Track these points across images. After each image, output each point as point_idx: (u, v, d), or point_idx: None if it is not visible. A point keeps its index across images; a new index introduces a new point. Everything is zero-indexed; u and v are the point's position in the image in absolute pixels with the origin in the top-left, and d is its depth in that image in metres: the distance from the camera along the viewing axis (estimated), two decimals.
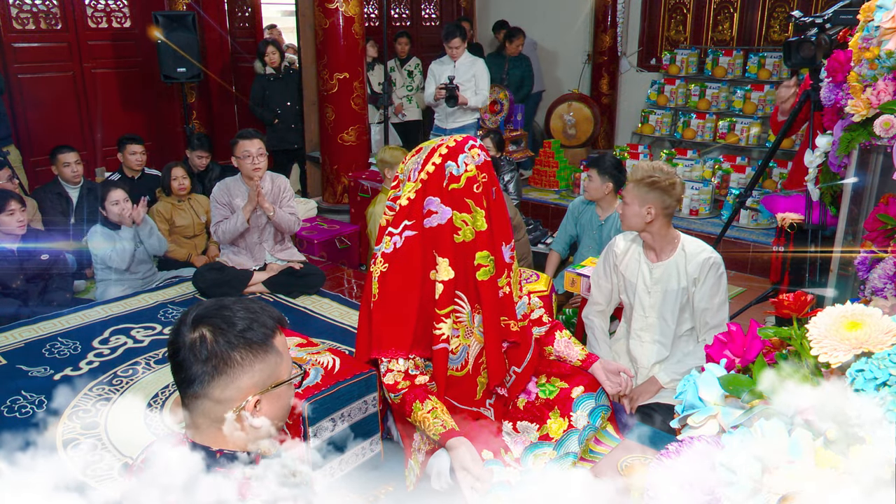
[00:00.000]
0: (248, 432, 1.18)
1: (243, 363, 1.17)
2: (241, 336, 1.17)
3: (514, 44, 6.75)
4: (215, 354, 1.15)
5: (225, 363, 1.15)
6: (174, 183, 4.41)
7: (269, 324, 1.21)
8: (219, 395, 1.16)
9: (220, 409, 1.16)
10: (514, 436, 2.21)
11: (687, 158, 5.89)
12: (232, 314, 1.19)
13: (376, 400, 2.24)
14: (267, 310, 1.24)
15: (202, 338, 1.16)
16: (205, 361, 1.15)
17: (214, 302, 1.23)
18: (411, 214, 2.07)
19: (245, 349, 1.17)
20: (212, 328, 1.16)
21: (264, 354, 1.19)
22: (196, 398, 1.17)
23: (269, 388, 1.20)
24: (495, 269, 2.09)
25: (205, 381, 1.15)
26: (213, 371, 1.15)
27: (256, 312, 1.21)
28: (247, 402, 1.17)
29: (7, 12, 5.30)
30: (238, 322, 1.18)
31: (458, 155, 2.04)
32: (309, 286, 3.84)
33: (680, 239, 2.58)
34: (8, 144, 4.81)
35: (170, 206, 4.44)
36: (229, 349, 1.16)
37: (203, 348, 1.15)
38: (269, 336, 1.20)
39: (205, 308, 1.20)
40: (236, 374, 1.16)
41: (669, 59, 6.93)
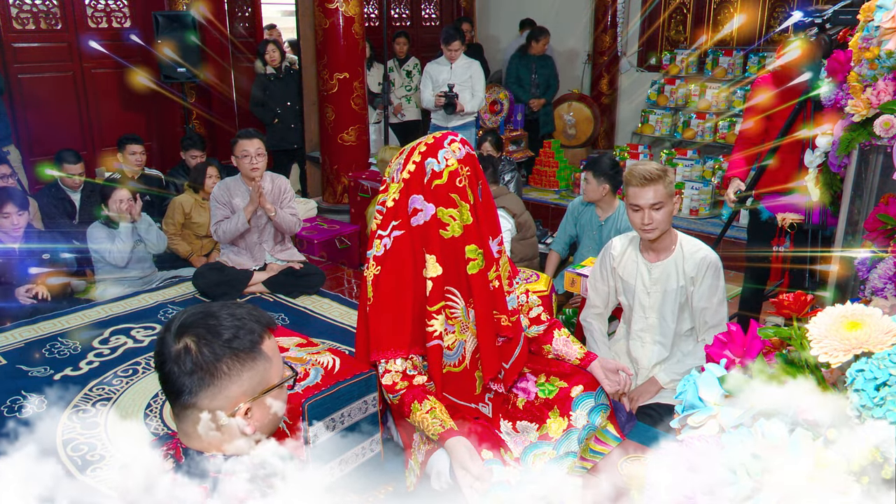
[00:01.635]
0: (240, 439, 1.16)
1: (230, 373, 1.14)
2: (226, 345, 1.14)
3: (541, 43, 6.60)
4: (200, 366, 1.12)
5: (211, 374, 1.13)
6: (209, 181, 4.36)
7: (256, 329, 1.18)
8: (207, 405, 1.14)
9: (210, 418, 1.13)
10: (514, 435, 2.21)
11: (687, 158, 5.89)
12: (217, 322, 1.15)
13: (376, 400, 2.24)
14: (255, 314, 1.20)
15: (186, 349, 1.13)
16: (190, 373, 1.12)
17: (200, 308, 1.19)
18: (397, 215, 2.07)
19: (231, 358, 1.14)
20: (196, 338, 1.13)
21: (252, 362, 1.16)
22: (185, 408, 1.15)
23: (260, 394, 1.17)
24: (484, 262, 2.09)
25: (192, 393, 1.13)
26: (200, 382, 1.12)
27: (243, 319, 1.18)
28: (237, 409, 1.15)
29: (7, 12, 5.29)
30: (223, 331, 1.15)
31: (437, 151, 2.04)
32: (309, 286, 3.84)
33: (678, 238, 2.58)
34: (8, 144, 4.81)
35: (192, 201, 4.40)
36: (215, 360, 1.13)
37: (188, 360, 1.12)
38: (257, 342, 1.17)
39: (190, 316, 1.17)
40: (224, 384, 1.13)
41: (669, 59, 6.93)
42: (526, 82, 6.63)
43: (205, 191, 4.40)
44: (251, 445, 1.15)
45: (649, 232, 2.45)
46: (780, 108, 3.11)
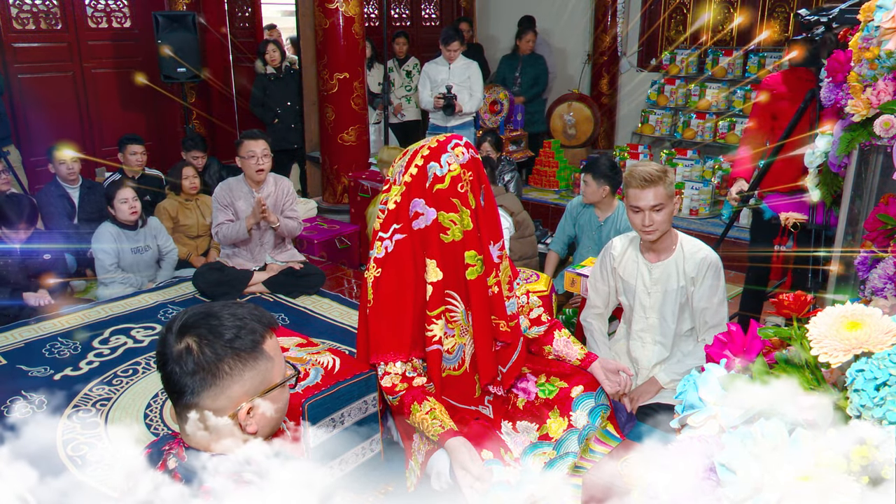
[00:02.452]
0: (242, 438, 1.16)
1: (232, 373, 1.14)
2: (228, 346, 1.14)
3: (525, 40, 6.59)
4: (202, 367, 1.12)
5: (213, 375, 1.13)
6: (185, 182, 4.40)
7: (257, 329, 1.18)
8: (210, 405, 1.14)
9: (213, 418, 1.13)
10: (514, 435, 2.21)
11: (687, 158, 5.89)
12: (219, 322, 1.15)
13: (376, 400, 2.24)
14: (256, 314, 1.20)
15: (188, 349, 1.13)
16: (192, 374, 1.12)
17: (201, 308, 1.19)
18: (399, 218, 2.07)
19: (233, 359, 1.14)
20: (198, 339, 1.13)
21: (254, 362, 1.16)
22: (187, 408, 1.15)
23: (262, 393, 1.17)
24: (483, 268, 2.09)
25: (194, 393, 1.13)
26: (202, 383, 1.12)
27: (244, 318, 1.17)
28: (239, 409, 1.15)
29: (7, 12, 5.29)
30: (225, 331, 1.14)
31: (440, 155, 2.03)
32: (309, 286, 3.84)
33: (678, 238, 2.57)
34: (8, 144, 4.81)
35: (176, 204, 4.43)
36: (217, 360, 1.13)
37: (189, 360, 1.12)
38: (258, 342, 1.17)
39: (191, 316, 1.17)
40: (226, 384, 1.13)
41: (669, 59, 6.93)
42: (509, 81, 6.64)
43: (184, 192, 4.41)
44: (253, 445, 1.15)
45: (650, 233, 2.45)
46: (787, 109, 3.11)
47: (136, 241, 3.95)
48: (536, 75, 6.74)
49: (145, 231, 4.00)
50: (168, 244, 4.16)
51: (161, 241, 4.11)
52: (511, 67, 6.69)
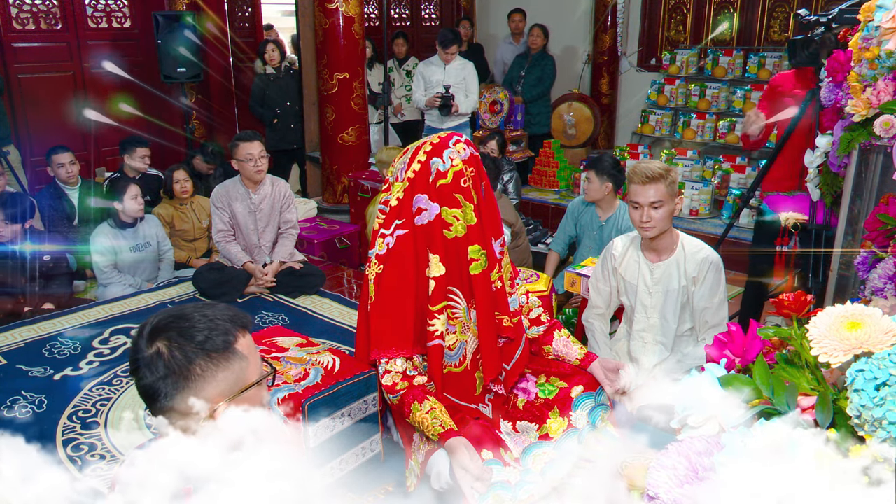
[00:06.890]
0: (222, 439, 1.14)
1: (204, 374, 1.13)
2: (199, 347, 1.13)
3: (530, 38, 6.53)
4: (173, 370, 1.11)
5: (185, 377, 1.12)
6: (176, 186, 4.37)
7: (229, 329, 1.16)
8: (185, 408, 1.12)
9: (189, 420, 1.12)
10: (514, 436, 2.21)
11: (687, 158, 5.89)
12: (190, 325, 1.14)
13: (376, 400, 2.24)
14: (229, 313, 1.19)
15: (158, 353, 1.12)
16: (164, 377, 1.11)
17: (173, 311, 1.18)
18: (401, 214, 2.08)
19: (205, 360, 1.13)
20: (168, 342, 1.13)
21: (226, 362, 1.15)
22: (162, 411, 1.14)
23: (237, 393, 1.16)
24: (487, 263, 2.10)
25: (168, 396, 1.12)
26: (174, 385, 1.11)
27: (215, 319, 1.16)
28: (216, 410, 1.13)
29: (7, 12, 5.29)
30: (196, 333, 1.13)
31: (442, 151, 2.05)
32: (309, 286, 3.84)
33: (679, 238, 2.58)
34: (8, 144, 4.81)
35: (171, 209, 4.41)
36: (187, 363, 1.12)
37: (160, 364, 1.11)
38: (231, 342, 1.16)
39: (162, 319, 1.16)
40: (199, 386, 1.12)
41: (669, 59, 6.93)
42: (515, 78, 6.63)
43: (177, 196, 4.40)
44: (234, 445, 1.14)
45: (647, 230, 2.45)
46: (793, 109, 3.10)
47: (134, 239, 3.94)
48: (541, 75, 6.70)
49: (144, 227, 3.99)
50: (165, 244, 4.15)
51: (160, 239, 4.10)
52: (519, 66, 6.67)
